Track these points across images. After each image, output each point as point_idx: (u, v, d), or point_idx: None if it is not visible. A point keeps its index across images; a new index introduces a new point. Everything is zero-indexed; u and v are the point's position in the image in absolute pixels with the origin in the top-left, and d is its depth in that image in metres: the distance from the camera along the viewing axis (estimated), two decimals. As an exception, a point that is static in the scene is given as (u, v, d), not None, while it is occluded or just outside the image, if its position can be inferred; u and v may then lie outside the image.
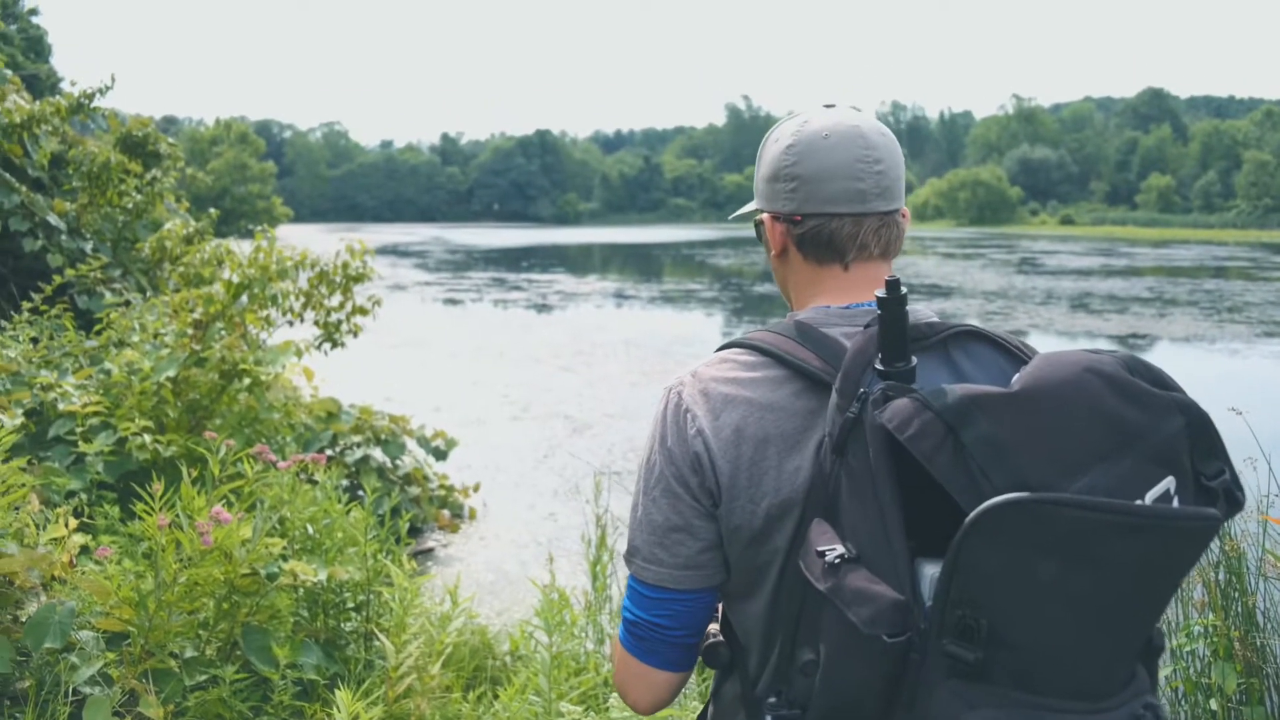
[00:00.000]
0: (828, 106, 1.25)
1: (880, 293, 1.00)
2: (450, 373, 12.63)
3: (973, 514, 0.85)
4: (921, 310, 1.18)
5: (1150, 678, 0.98)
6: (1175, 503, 0.90)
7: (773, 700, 1.05)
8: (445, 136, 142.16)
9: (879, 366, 1.01)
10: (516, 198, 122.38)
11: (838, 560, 0.95)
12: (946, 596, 0.88)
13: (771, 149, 1.25)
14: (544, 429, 9.43)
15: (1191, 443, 0.94)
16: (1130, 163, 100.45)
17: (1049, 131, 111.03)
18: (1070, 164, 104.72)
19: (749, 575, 1.15)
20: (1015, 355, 1.12)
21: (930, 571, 0.93)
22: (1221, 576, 2.88)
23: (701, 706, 1.33)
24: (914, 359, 1.02)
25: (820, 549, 0.97)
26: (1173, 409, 0.94)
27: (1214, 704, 2.76)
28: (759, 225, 1.31)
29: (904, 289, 1.00)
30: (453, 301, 23.01)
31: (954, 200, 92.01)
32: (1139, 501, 0.88)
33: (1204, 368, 13.41)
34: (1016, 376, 0.95)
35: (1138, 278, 29.33)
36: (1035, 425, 0.90)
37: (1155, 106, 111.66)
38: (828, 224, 1.19)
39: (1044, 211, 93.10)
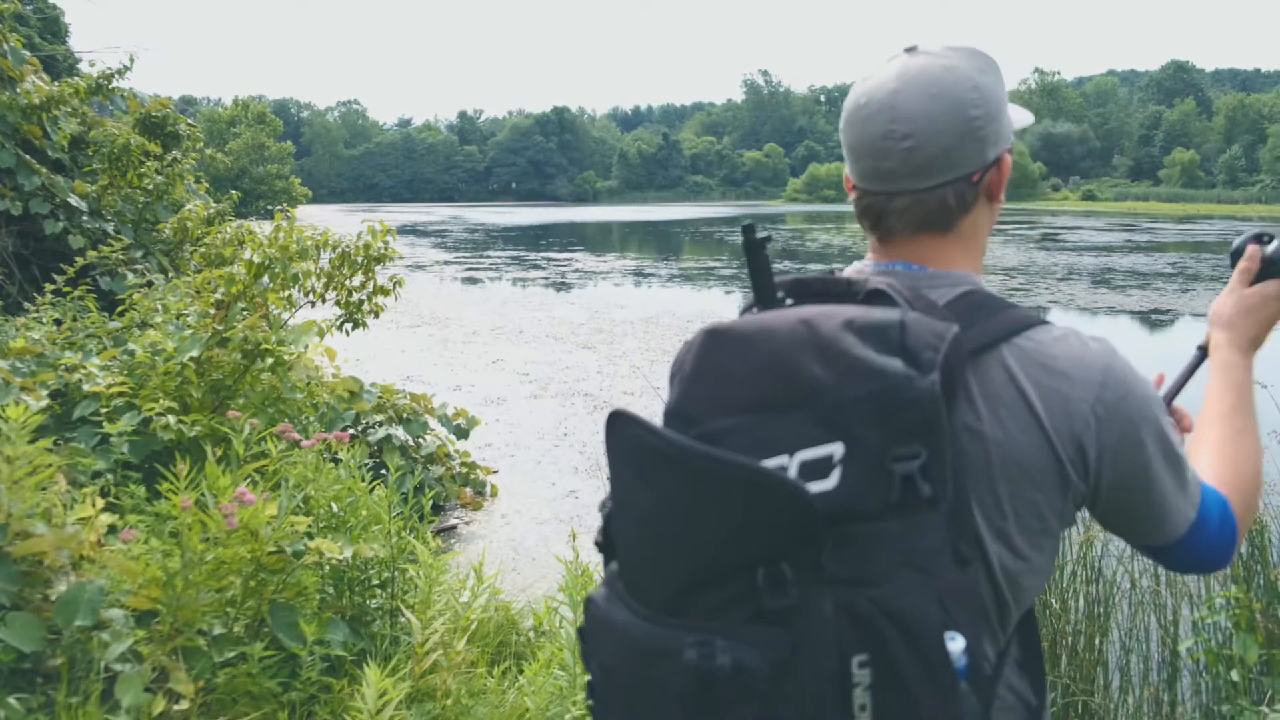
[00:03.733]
0: (909, 50, 1.15)
1: (742, 239, 1.03)
2: (470, 351, 12.65)
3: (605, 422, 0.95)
4: (857, 270, 1.18)
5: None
6: (838, 470, 0.85)
7: None
8: (463, 115, 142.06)
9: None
10: (534, 176, 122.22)
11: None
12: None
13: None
14: (564, 407, 9.44)
15: (880, 415, 0.86)
16: (1154, 137, 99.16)
17: (1071, 106, 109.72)
18: (1093, 139, 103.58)
19: None
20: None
21: None
22: (1244, 549, 2.87)
23: None
24: (789, 302, 1.03)
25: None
26: (867, 376, 0.87)
27: (1235, 675, 2.75)
28: None
29: (759, 233, 1.01)
30: (472, 281, 23.03)
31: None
32: (786, 456, 0.87)
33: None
34: (747, 316, 1.01)
35: (1160, 253, 29.00)
36: (712, 362, 0.96)
37: (1180, 80, 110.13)
38: (864, 198, 1.17)
39: (1066, 187, 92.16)
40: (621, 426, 0.92)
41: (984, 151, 1.12)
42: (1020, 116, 1.25)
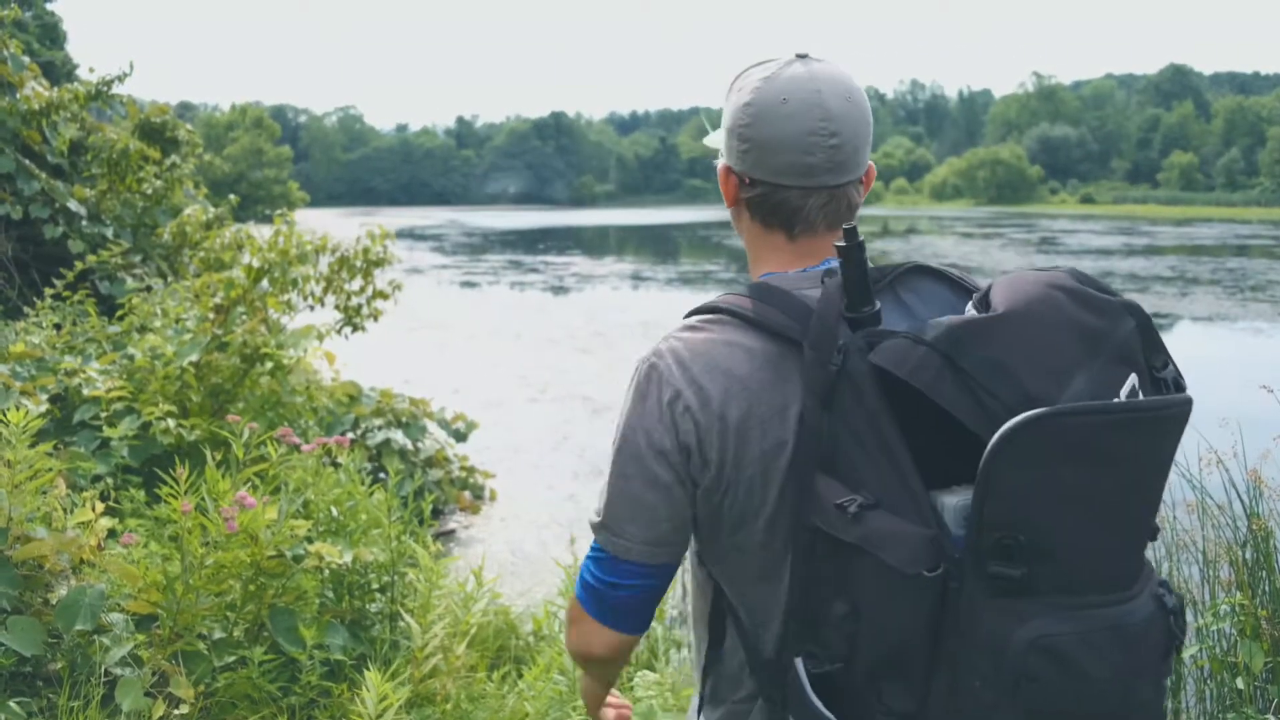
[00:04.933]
0: (800, 56, 1.19)
1: (840, 242, 1.03)
2: (468, 355, 12.66)
3: (997, 437, 0.88)
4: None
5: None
6: (1140, 396, 0.96)
7: (806, 659, 1.05)
8: (460, 119, 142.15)
9: (847, 314, 1.03)
10: (532, 180, 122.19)
11: (858, 509, 0.96)
12: (980, 521, 0.90)
13: (733, 98, 1.21)
14: (563, 410, 9.45)
15: (1143, 340, 0.99)
16: (1152, 140, 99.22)
17: (1069, 109, 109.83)
18: (1091, 142, 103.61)
19: (758, 555, 1.15)
20: (961, 287, 1.14)
21: (950, 501, 0.95)
22: (1249, 555, 2.86)
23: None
24: (877, 303, 1.04)
25: (838, 502, 0.98)
26: (1124, 312, 0.99)
27: (1240, 683, 2.74)
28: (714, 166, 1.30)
29: (860, 235, 1.02)
30: (470, 284, 23.04)
31: (973, 179, 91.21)
32: (1116, 399, 0.94)
33: (1227, 347, 13.29)
34: (997, 300, 0.98)
35: (1159, 256, 29.04)
36: (1024, 342, 0.94)
37: (1178, 83, 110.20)
38: (774, 194, 1.18)
39: (1064, 190, 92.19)
40: (1063, 420, 0.88)
41: (868, 156, 1.22)
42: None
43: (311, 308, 5.40)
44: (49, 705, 2.33)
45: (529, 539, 5.92)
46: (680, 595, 4.13)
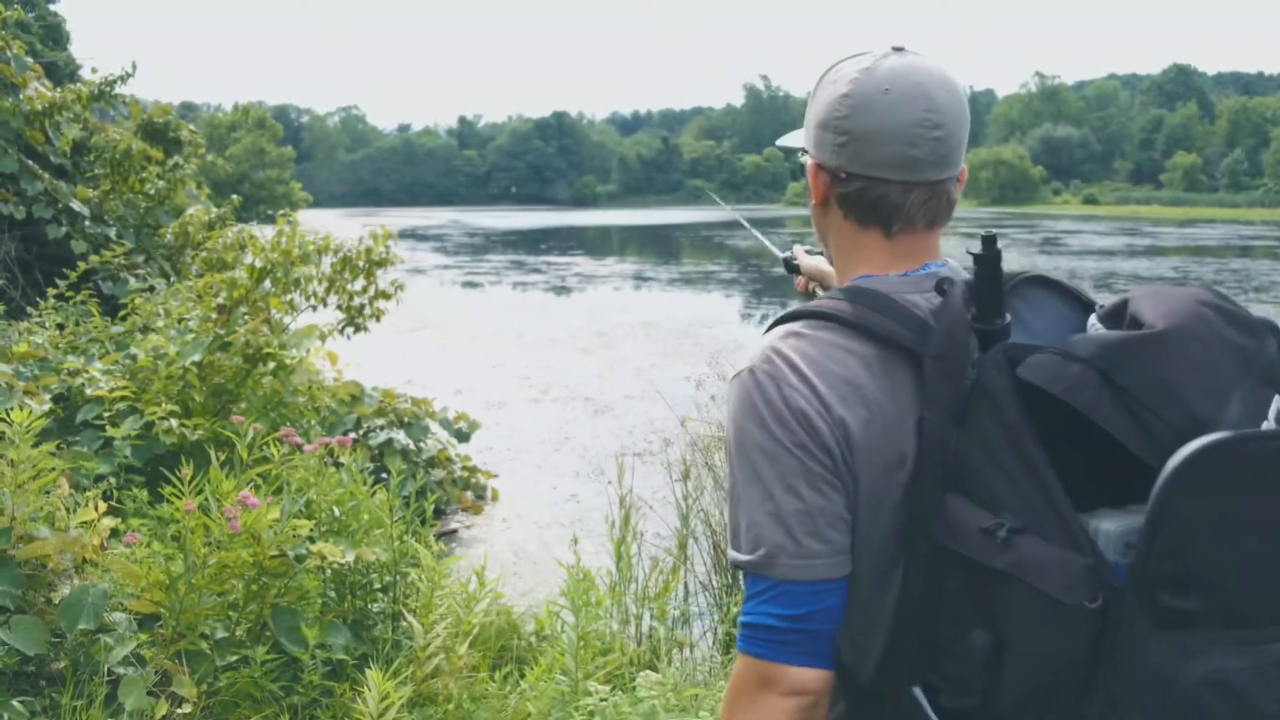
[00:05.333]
0: (896, 49, 1.13)
1: (976, 249, 0.98)
2: (470, 356, 12.67)
3: (1178, 462, 0.84)
4: (952, 266, 1.16)
5: None
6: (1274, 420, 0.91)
7: (925, 690, 1.00)
8: (462, 119, 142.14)
9: (976, 326, 0.98)
10: (534, 180, 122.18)
11: (1007, 533, 0.90)
12: (1150, 549, 0.85)
13: (826, 91, 1.15)
14: (565, 411, 9.45)
15: None
16: (1155, 141, 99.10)
17: (1072, 109, 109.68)
18: (1094, 142, 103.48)
19: (867, 574, 1.06)
20: (1075, 298, 1.09)
21: (1107, 527, 0.90)
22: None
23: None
24: (1008, 315, 0.99)
25: (985, 526, 0.92)
26: (1267, 330, 0.95)
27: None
28: (803, 164, 1.23)
29: (999, 245, 0.98)
30: (472, 285, 23.05)
31: (975, 180, 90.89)
32: (1266, 422, 0.90)
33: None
34: (1148, 316, 0.94)
35: (1162, 257, 29.02)
36: (1187, 361, 0.90)
37: (1181, 83, 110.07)
38: (873, 188, 1.12)
39: (1067, 191, 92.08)
40: (1246, 447, 0.84)
41: (963, 155, 1.16)
42: None
43: (314, 308, 5.41)
44: (52, 704, 2.33)
45: (531, 539, 5.92)
46: (682, 595, 4.13)
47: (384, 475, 5.50)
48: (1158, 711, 0.87)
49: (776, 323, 1.14)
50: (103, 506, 2.87)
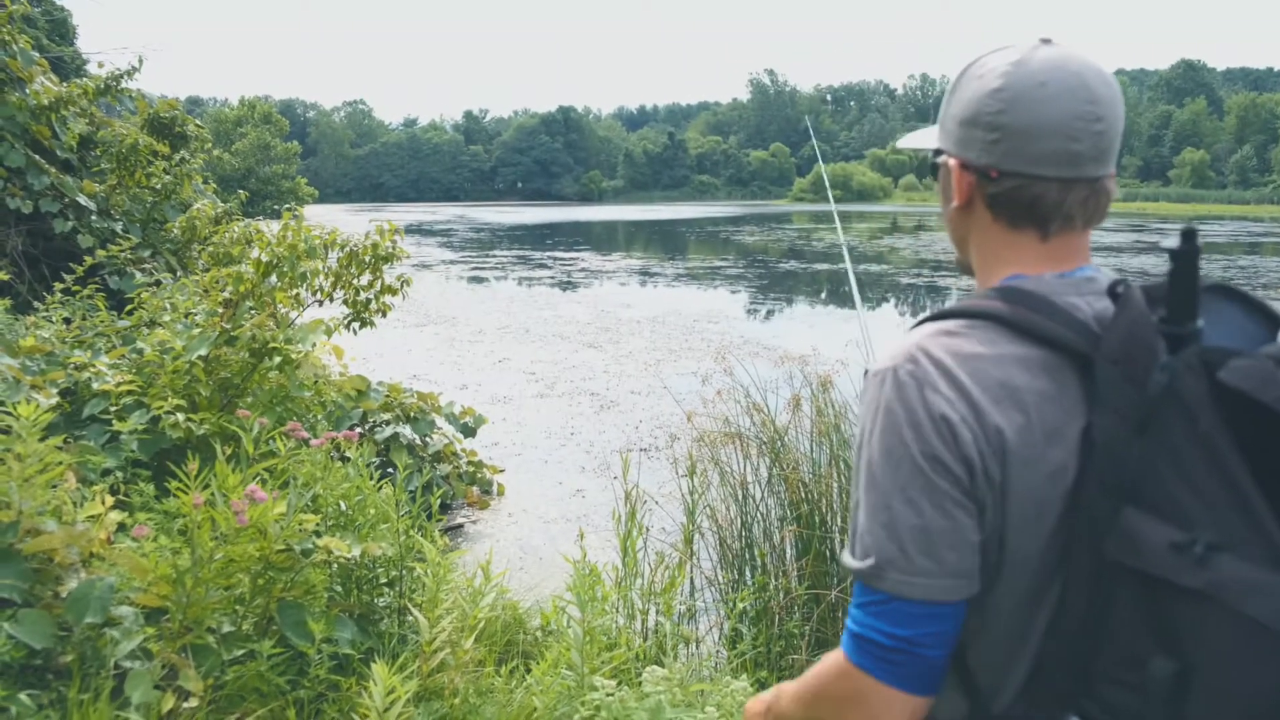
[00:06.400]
0: (1044, 41, 1.07)
1: (1172, 244, 0.92)
2: (477, 350, 12.67)
3: None
4: (1104, 272, 1.09)
5: None
6: None
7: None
8: (469, 114, 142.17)
9: (1165, 329, 0.92)
10: (540, 175, 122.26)
11: (1205, 549, 0.83)
12: None
13: (973, 86, 1.09)
14: (570, 406, 9.45)
15: None
16: (1163, 137, 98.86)
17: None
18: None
19: (1018, 594, 1.01)
20: (1256, 308, 1.01)
21: None
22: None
23: None
24: (1200, 319, 0.92)
25: (1176, 541, 0.85)
26: None
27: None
28: (937, 165, 1.16)
29: (1199, 240, 0.92)
30: (478, 280, 23.05)
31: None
32: None
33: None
34: None
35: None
36: None
37: (1190, 79, 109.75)
38: (1030, 187, 1.05)
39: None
40: None
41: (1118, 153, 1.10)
42: None
43: (320, 303, 5.40)
44: (59, 698, 2.33)
45: (537, 534, 5.92)
46: (688, 591, 4.12)
47: (390, 470, 5.50)
48: None
49: (924, 320, 1.08)
50: (109, 500, 2.88)
